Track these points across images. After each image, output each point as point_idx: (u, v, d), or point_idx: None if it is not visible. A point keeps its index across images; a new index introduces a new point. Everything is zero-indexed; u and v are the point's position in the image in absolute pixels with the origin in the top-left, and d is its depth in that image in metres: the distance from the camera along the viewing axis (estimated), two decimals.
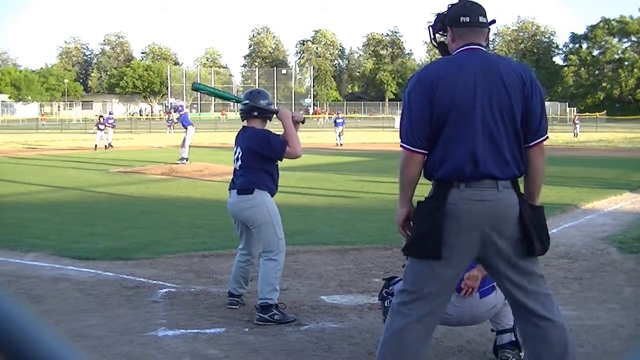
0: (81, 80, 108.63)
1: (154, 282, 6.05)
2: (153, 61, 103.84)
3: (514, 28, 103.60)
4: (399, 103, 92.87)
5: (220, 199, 9.89)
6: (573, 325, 4.24)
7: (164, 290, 5.80)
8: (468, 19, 3.00)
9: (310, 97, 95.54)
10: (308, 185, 13.90)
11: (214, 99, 74.48)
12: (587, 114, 65.93)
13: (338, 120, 32.95)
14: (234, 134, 5.37)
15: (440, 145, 2.94)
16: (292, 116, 5.09)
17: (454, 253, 2.91)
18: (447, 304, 3.16)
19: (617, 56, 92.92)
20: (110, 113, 36.11)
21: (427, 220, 2.92)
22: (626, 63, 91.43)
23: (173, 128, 42.15)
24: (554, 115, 70.37)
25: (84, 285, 5.97)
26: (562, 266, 6.73)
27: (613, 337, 4.57)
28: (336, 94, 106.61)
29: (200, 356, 4.19)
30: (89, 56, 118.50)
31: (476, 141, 2.88)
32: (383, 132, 45.12)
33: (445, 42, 3.13)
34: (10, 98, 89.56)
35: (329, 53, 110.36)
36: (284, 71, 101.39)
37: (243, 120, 5.19)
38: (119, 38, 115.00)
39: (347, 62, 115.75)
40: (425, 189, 3.09)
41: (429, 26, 3.20)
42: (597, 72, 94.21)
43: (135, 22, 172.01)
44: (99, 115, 35.36)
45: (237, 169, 5.08)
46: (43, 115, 76.27)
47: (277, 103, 42.62)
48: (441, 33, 3.16)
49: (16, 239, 8.06)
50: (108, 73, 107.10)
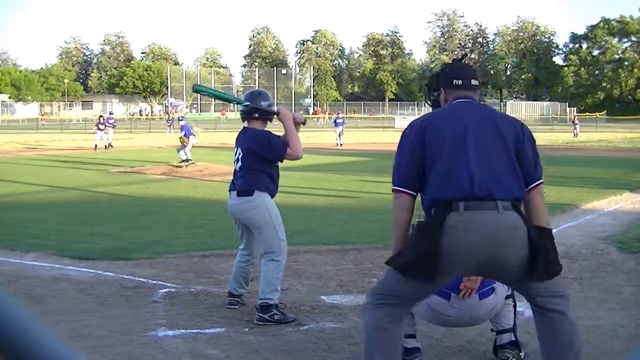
0: (81, 80, 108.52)
1: (154, 282, 6.06)
2: (153, 61, 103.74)
3: (514, 28, 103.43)
4: (399, 103, 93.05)
5: (220, 199, 9.89)
6: None
7: (164, 290, 5.80)
8: (460, 82, 3.15)
9: (310, 97, 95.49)
10: (308, 185, 13.90)
11: (214, 99, 74.22)
12: (587, 114, 65.83)
13: (338, 120, 32.95)
14: (234, 134, 5.37)
15: (435, 173, 2.97)
16: (293, 117, 5.08)
17: (446, 274, 2.93)
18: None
19: (617, 56, 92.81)
20: (110, 113, 36.17)
21: (426, 240, 2.90)
22: (626, 63, 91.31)
23: (173, 128, 42.18)
24: (554, 115, 70.38)
25: (84, 285, 5.98)
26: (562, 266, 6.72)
27: (613, 337, 4.57)
28: (336, 94, 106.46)
29: (200, 356, 4.19)
30: (89, 56, 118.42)
31: (471, 164, 2.92)
32: (383, 132, 45.05)
33: (438, 100, 3.29)
34: (10, 98, 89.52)
35: (329, 53, 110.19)
36: (284, 71, 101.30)
37: (243, 121, 5.18)
38: (119, 38, 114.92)
39: (347, 62, 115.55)
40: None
41: (424, 84, 3.46)
42: (597, 72, 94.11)
43: (135, 22, 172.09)
44: (99, 115, 35.38)
45: (237, 170, 5.06)
46: (43, 115, 76.18)
47: (277, 103, 42.64)
48: (435, 94, 3.36)
49: (16, 239, 8.07)
50: (108, 73, 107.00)
